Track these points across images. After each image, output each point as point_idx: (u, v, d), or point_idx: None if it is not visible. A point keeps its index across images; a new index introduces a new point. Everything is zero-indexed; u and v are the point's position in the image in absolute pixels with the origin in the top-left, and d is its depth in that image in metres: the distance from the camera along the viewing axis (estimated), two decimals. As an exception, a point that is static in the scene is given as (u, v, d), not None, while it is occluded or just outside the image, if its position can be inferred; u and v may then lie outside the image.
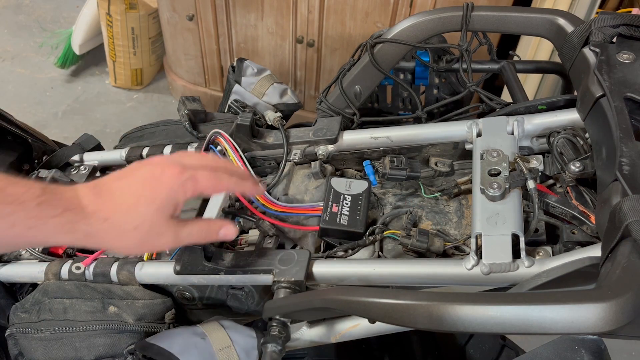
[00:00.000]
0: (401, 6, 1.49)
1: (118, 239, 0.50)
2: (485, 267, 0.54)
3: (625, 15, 0.61)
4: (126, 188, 0.50)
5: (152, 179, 0.51)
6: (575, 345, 0.47)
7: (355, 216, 0.66)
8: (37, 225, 0.45)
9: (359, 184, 0.69)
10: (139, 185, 0.51)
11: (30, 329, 0.66)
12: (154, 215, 0.50)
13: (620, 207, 0.44)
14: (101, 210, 0.49)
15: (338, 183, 0.69)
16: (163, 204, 0.51)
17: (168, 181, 0.51)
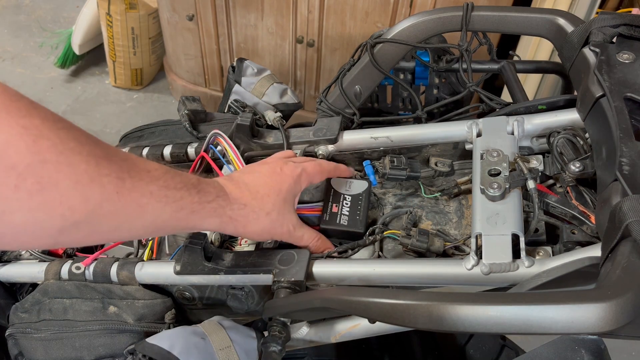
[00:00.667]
0: (401, 6, 1.49)
1: (254, 222, 0.57)
2: (485, 267, 0.54)
3: (625, 15, 0.61)
4: (257, 180, 0.59)
5: (275, 174, 0.60)
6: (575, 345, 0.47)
7: (356, 216, 0.66)
8: (197, 210, 0.51)
9: (358, 184, 0.69)
10: (267, 178, 0.59)
11: (30, 329, 0.66)
12: (281, 203, 0.59)
13: (620, 207, 0.44)
14: (241, 197, 0.56)
15: (338, 183, 0.69)
16: (287, 194, 0.60)
17: (288, 174, 0.61)
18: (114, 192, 0.41)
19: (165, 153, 0.83)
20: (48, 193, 0.36)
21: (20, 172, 0.35)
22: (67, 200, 0.38)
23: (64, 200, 0.37)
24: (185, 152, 0.82)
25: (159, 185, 0.47)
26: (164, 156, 0.83)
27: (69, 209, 0.38)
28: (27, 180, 0.35)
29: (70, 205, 0.38)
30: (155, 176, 0.47)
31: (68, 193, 0.38)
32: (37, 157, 0.36)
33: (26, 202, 0.36)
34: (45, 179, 0.36)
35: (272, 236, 0.61)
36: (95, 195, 0.40)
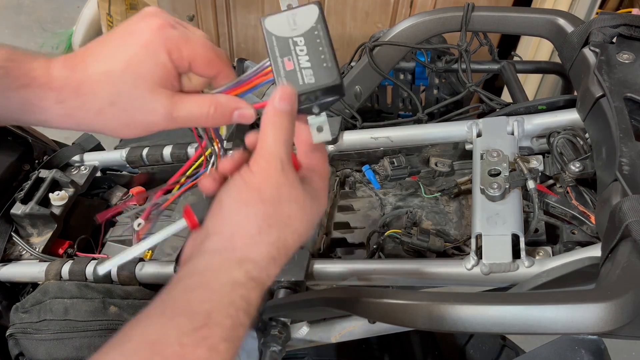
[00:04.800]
0: (401, 6, 1.49)
1: (94, 118, 0.42)
2: (485, 267, 0.54)
3: (625, 16, 0.61)
4: (102, 54, 0.41)
5: (126, 35, 0.41)
6: (575, 345, 0.47)
7: (322, 64, 0.45)
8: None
9: (303, 14, 0.46)
10: (113, 47, 0.41)
11: (31, 329, 0.66)
12: (133, 83, 0.39)
13: (620, 207, 0.44)
14: (69, 84, 0.40)
15: (275, 24, 0.46)
16: (140, 67, 0.39)
17: (145, 34, 0.40)
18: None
19: (165, 153, 0.83)
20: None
21: None
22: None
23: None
24: (185, 152, 0.82)
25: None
26: (163, 156, 0.83)
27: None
28: None
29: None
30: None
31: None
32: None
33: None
34: None
35: (139, 129, 0.43)
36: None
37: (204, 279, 0.38)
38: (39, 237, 0.76)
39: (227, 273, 0.39)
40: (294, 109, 0.42)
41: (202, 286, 0.38)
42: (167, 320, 0.36)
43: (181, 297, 0.38)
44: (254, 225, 0.40)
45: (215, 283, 0.38)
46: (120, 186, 0.88)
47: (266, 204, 0.40)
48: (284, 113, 0.41)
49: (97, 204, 0.84)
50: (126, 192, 0.86)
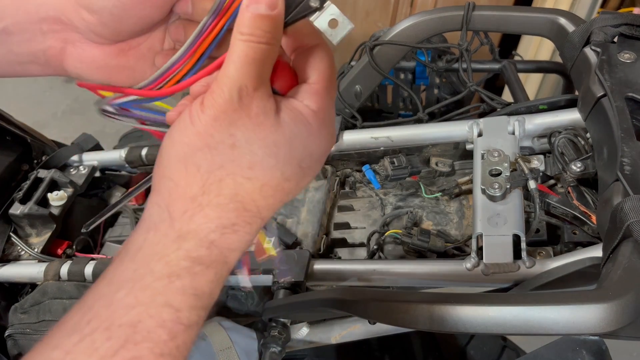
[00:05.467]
0: (402, 5, 1.49)
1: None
2: (486, 267, 0.54)
3: (627, 15, 0.61)
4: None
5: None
6: (576, 346, 0.47)
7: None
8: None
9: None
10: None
11: (30, 330, 0.66)
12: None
13: (622, 208, 0.44)
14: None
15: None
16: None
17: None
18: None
19: (165, 153, 0.83)
20: None
21: None
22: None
23: None
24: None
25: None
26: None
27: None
28: None
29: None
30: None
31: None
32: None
33: None
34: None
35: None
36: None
37: (134, 269, 0.29)
38: (37, 237, 0.76)
39: (161, 259, 0.29)
40: (276, 10, 0.29)
41: (130, 281, 0.29)
42: (78, 340, 0.27)
43: (102, 301, 0.29)
44: (197, 182, 0.30)
45: (147, 276, 0.29)
46: (119, 186, 0.88)
47: (213, 152, 0.29)
48: (258, 18, 0.29)
49: (96, 204, 0.84)
50: (125, 192, 0.86)
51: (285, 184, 0.31)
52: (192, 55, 0.32)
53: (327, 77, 0.32)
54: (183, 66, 0.33)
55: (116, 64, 0.34)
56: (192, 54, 0.32)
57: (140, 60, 0.34)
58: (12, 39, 0.33)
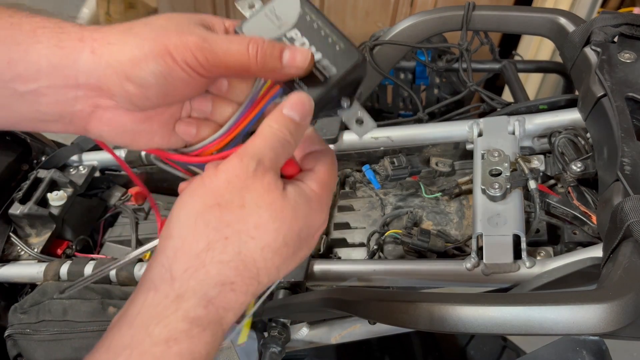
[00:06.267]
0: (402, 5, 1.49)
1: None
2: (486, 267, 0.53)
3: (627, 15, 0.61)
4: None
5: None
6: (576, 346, 0.47)
7: (335, 48, 0.37)
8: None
9: (282, 4, 0.38)
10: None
11: (30, 330, 0.66)
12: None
13: (622, 208, 0.44)
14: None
15: (257, 27, 0.38)
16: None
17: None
18: None
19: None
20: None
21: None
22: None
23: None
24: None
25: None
26: (163, 156, 0.83)
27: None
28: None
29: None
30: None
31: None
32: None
33: None
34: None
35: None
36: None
37: (132, 335, 0.30)
38: (37, 237, 0.76)
39: (160, 321, 0.30)
40: (304, 120, 0.35)
41: (128, 348, 0.29)
42: None
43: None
44: (203, 239, 0.31)
45: (146, 340, 0.29)
46: (119, 186, 0.87)
47: (223, 210, 0.31)
48: (289, 121, 0.34)
49: (95, 204, 0.84)
50: (125, 192, 0.86)
51: (284, 249, 0.33)
52: (230, 133, 0.37)
53: (330, 172, 0.37)
54: (221, 141, 0.37)
55: (141, 129, 0.35)
56: (230, 132, 0.37)
57: (162, 126, 0.36)
58: (42, 100, 0.33)
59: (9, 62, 0.31)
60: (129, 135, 0.35)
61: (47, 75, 0.32)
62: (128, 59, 0.32)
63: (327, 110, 0.38)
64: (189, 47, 0.32)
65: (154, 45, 0.32)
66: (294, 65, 0.34)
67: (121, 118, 0.34)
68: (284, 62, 0.34)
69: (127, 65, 0.32)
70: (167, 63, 0.31)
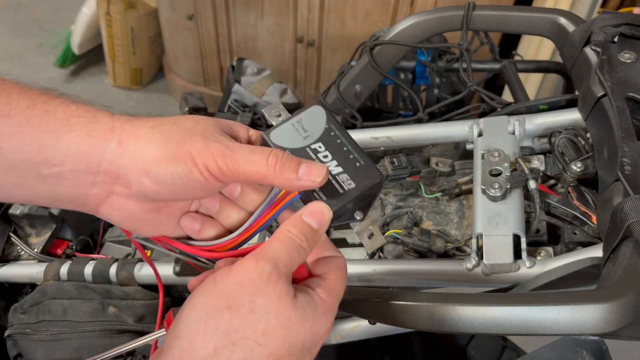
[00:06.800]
0: (402, 5, 1.49)
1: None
2: (486, 267, 0.53)
3: (627, 15, 0.61)
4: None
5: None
6: (576, 346, 0.47)
7: (355, 164, 0.40)
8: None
9: (310, 118, 0.41)
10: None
11: (30, 330, 0.66)
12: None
13: (622, 208, 0.44)
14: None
15: (283, 136, 0.40)
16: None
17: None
18: None
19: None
20: None
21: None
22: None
23: None
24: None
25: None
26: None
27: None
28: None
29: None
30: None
31: None
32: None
33: None
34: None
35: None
36: None
37: None
38: (37, 237, 0.76)
39: None
40: (321, 229, 0.36)
41: None
42: None
43: None
44: (211, 341, 0.31)
45: None
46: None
47: (233, 314, 0.32)
48: (307, 228, 0.36)
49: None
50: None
51: (288, 357, 0.33)
52: (246, 234, 0.38)
53: (339, 280, 0.38)
54: (235, 240, 0.39)
55: (148, 218, 0.37)
56: (246, 232, 0.38)
57: (169, 217, 0.38)
58: (62, 183, 0.34)
59: (39, 147, 0.33)
60: (135, 222, 0.37)
61: (73, 161, 0.33)
62: (151, 155, 0.33)
63: (340, 220, 0.39)
64: (211, 153, 0.33)
65: (177, 146, 0.33)
66: (309, 179, 0.35)
67: (131, 206, 0.36)
68: (300, 175, 0.35)
69: (149, 161, 0.33)
70: (188, 166, 0.33)
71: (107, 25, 1.93)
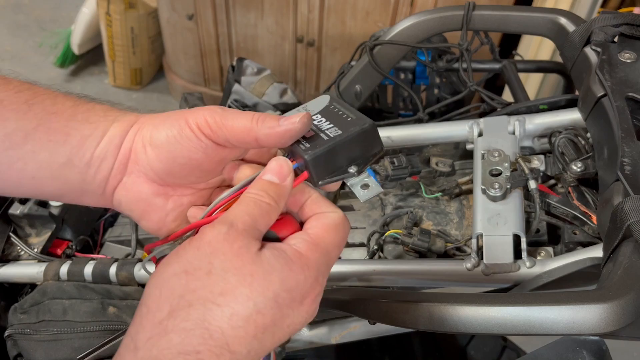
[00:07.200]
0: (402, 5, 1.49)
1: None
2: (486, 267, 0.53)
3: (627, 15, 0.61)
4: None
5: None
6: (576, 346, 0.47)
7: (347, 119, 0.39)
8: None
9: (315, 103, 0.42)
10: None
11: (30, 330, 0.65)
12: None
13: (622, 208, 0.44)
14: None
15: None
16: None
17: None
18: None
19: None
20: None
21: None
22: None
23: None
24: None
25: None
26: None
27: None
28: None
29: None
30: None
31: None
32: None
33: None
34: None
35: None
36: None
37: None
38: (37, 237, 0.76)
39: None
40: (284, 180, 0.35)
41: None
42: None
43: None
44: (166, 304, 0.30)
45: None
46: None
47: (189, 277, 0.30)
48: (268, 184, 0.35)
49: (96, 204, 0.84)
50: None
51: (258, 317, 0.30)
52: (216, 209, 0.37)
53: (325, 233, 0.35)
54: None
55: (155, 202, 0.39)
56: (216, 207, 0.37)
57: (176, 207, 0.40)
58: (90, 171, 0.37)
59: (81, 138, 0.37)
60: (143, 204, 0.39)
61: (103, 146, 0.37)
62: (154, 126, 0.37)
63: (333, 175, 0.38)
64: (202, 113, 0.36)
65: (175, 114, 0.37)
66: (289, 122, 0.35)
67: (140, 186, 0.38)
68: (280, 122, 0.36)
69: (152, 130, 0.37)
70: (180, 125, 0.36)
71: (107, 25, 1.93)
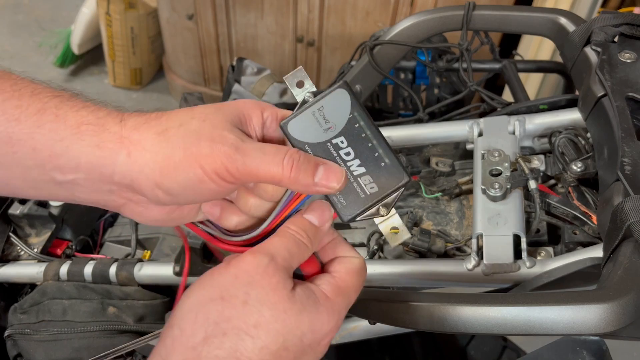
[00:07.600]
0: (402, 5, 1.49)
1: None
2: (486, 267, 0.53)
3: (627, 15, 0.61)
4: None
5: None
6: (576, 347, 0.47)
7: (379, 164, 0.36)
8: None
9: (332, 103, 0.37)
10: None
11: (30, 330, 0.65)
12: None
13: (622, 208, 0.44)
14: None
15: (302, 127, 0.37)
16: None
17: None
18: None
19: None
20: None
21: None
22: None
23: None
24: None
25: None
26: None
27: None
28: None
29: None
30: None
31: None
32: None
33: None
34: None
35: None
36: None
37: None
38: (37, 237, 0.76)
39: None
40: (323, 225, 0.36)
41: None
42: None
43: None
44: (201, 330, 0.31)
45: None
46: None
47: (226, 304, 0.31)
48: (307, 224, 0.36)
49: (96, 204, 0.84)
50: None
51: (284, 353, 0.31)
52: (266, 230, 0.38)
53: (349, 278, 0.35)
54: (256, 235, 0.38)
55: (171, 218, 0.38)
56: (264, 231, 0.37)
57: (190, 211, 0.39)
58: (78, 189, 0.35)
59: (50, 155, 0.33)
60: (159, 222, 0.38)
61: (85, 171, 0.33)
62: (159, 168, 0.33)
63: (363, 218, 0.37)
64: (219, 158, 0.32)
65: (184, 155, 0.32)
66: (326, 185, 0.34)
67: (152, 212, 0.37)
68: (317, 180, 0.34)
69: (158, 175, 0.33)
70: (197, 175, 0.32)
71: (107, 25, 1.93)
